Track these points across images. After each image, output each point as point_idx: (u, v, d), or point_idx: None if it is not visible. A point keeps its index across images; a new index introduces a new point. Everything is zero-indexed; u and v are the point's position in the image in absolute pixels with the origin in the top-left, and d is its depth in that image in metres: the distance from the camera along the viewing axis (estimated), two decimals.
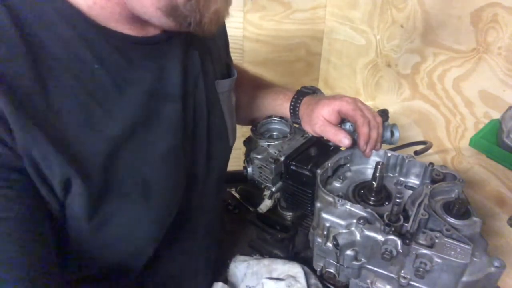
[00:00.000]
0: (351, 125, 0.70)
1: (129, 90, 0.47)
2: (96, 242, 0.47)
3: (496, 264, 0.49)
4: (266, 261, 0.73)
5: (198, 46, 0.57)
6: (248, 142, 0.78)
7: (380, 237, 0.52)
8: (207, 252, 0.71)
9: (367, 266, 0.56)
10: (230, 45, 0.78)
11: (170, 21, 0.44)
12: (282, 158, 0.70)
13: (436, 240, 0.50)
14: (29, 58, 0.39)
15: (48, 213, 0.42)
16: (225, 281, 0.72)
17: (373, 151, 0.68)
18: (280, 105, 0.78)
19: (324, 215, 0.57)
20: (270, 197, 0.77)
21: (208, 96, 0.60)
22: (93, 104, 0.43)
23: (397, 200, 0.53)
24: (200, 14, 0.44)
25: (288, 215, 0.83)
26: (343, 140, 0.66)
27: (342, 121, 0.70)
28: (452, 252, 0.49)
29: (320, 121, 0.69)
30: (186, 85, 0.54)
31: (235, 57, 1.32)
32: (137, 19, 0.46)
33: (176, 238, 0.61)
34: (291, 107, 0.75)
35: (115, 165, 0.45)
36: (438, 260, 0.49)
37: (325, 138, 0.72)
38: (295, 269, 0.70)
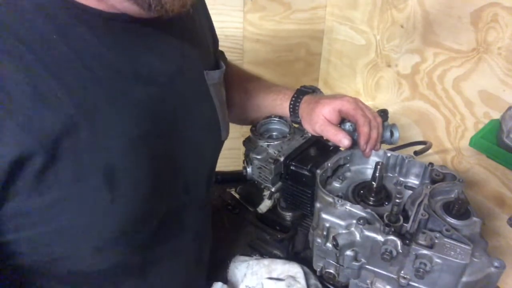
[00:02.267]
0: (351, 125, 0.70)
1: (94, 65, 0.44)
2: (48, 227, 0.44)
3: (496, 264, 0.49)
4: (266, 261, 0.73)
5: (182, 29, 0.56)
6: (247, 142, 0.78)
7: (380, 238, 0.52)
8: (199, 252, 0.69)
9: (366, 266, 0.56)
10: (230, 45, 0.78)
11: (132, 4, 0.43)
12: (281, 158, 0.70)
13: (436, 241, 0.50)
14: None
15: None
16: (225, 281, 0.72)
17: (373, 151, 0.68)
18: (280, 104, 0.78)
19: (324, 216, 0.57)
20: (269, 197, 0.77)
21: (197, 86, 0.58)
22: (49, 77, 0.41)
23: (397, 200, 0.53)
24: None
25: (288, 215, 0.83)
26: (343, 140, 0.66)
27: (342, 120, 0.70)
28: (452, 253, 0.49)
29: (320, 120, 0.69)
30: (164, 69, 0.51)
31: (235, 57, 1.33)
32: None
33: (163, 237, 0.58)
34: (291, 106, 0.75)
35: (71, 143, 0.42)
36: (438, 261, 0.49)
37: (324, 138, 0.73)
38: (295, 269, 0.70)
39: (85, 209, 0.46)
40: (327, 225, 0.57)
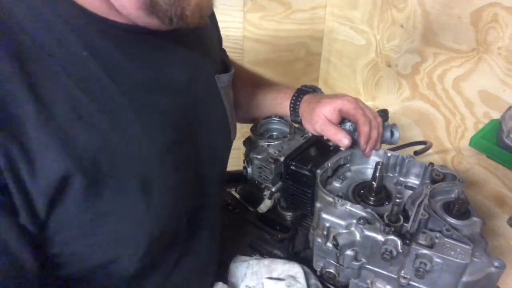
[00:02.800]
0: (351, 125, 0.70)
1: (122, 79, 0.45)
2: (91, 240, 0.46)
3: (496, 264, 0.49)
4: (266, 261, 0.73)
5: (193, 38, 0.57)
6: (248, 142, 0.78)
7: (380, 237, 0.52)
8: (212, 252, 0.70)
9: (367, 266, 0.56)
10: (230, 45, 0.78)
11: (153, 19, 0.43)
12: (282, 158, 0.70)
13: (436, 240, 0.50)
14: (12, 52, 0.38)
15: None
16: (225, 281, 0.72)
17: (373, 151, 0.68)
18: (280, 103, 0.78)
19: (324, 215, 0.57)
20: (270, 197, 0.77)
21: (209, 90, 0.59)
22: (81, 94, 0.41)
23: (397, 200, 0.53)
24: (181, 7, 0.43)
25: (288, 215, 0.83)
26: (343, 140, 0.66)
27: (342, 120, 0.70)
28: (452, 252, 0.49)
29: (321, 119, 0.69)
30: (181, 77, 0.53)
31: (235, 57, 1.33)
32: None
33: (185, 237, 0.60)
34: (291, 105, 0.75)
35: (108, 159, 0.43)
36: (438, 260, 0.49)
37: (325, 138, 0.73)
38: (295, 269, 0.70)
39: (125, 220, 0.47)
40: (327, 225, 0.57)
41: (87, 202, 0.43)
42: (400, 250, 0.51)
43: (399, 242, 0.51)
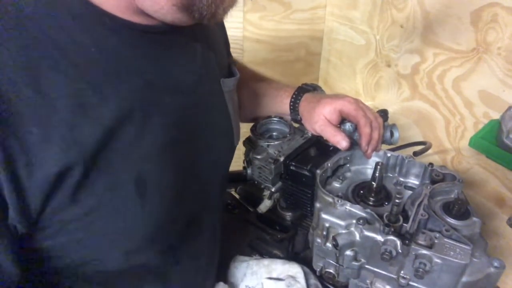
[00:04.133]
0: (351, 125, 0.70)
1: (129, 77, 0.45)
2: (82, 234, 0.46)
3: (495, 264, 0.49)
4: (265, 261, 0.73)
5: (202, 42, 0.57)
6: (247, 142, 0.78)
7: (379, 238, 0.52)
8: (212, 253, 0.71)
9: (366, 266, 0.56)
10: (230, 45, 0.78)
11: (184, 16, 0.44)
12: (281, 159, 0.70)
13: (436, 241, 0.50)
14: (20, 44, 0.38)
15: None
16: (225, 281, 0.72)
17: None
18: (280, 101, 0.77)
19: (324, 216, 0.57)
20: (269, 197, 0.77)
21: (214, 94, 0.59)
22: (87, 89, 0.42)
23: (397, 201, 0.53)
24: (216, 6, 0.44)
25: (288, 215, 0.83)
26: (341, 142, 0.66)
27: (342, 120, 0.70)
28: (452, 253, 0.49)
29: (321, 120, 0.69)
30: (187, 79, 0.53)
31: (235, 57, 1.32)
32: (141, 11, 0.45)
33: (184, 239, 0.60)
34: (291, 103, 0.75)
35: (106, 154, 0.44)
36: (438, 261, 0.49)
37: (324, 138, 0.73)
38: (295, 269, 0.71)
39: (118, 216, 0.47)
40: (327, 225, 0.57)
41: (81, 194, 0.43)
42: (400, 251, 0.51)
43: (398, 242, 0.51)
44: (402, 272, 0.53)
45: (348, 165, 0.70)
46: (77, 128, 0.41)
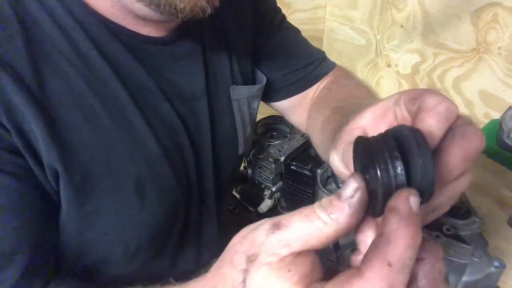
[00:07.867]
0: None
1: (129, 82, 0.46)
2: (83, 237, 0.46)
3: (496, 264, 0.49)
4: None
5: (212, 46, 0.56)
6: None
7: None
8: (213, 260, 0.70)
9: None
10: None
11: (151, 9, 0.42)
12: (282, 158, 0.70)
13: (436, 240, 0.50)
14: (23, 38, 0.39)
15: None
16: None
17: None
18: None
19: None
20: (270, 197, 0.77)
21: (220, 102, 0.59)
22: (87, 91, 0.43)
23: None
24: None
25: None
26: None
27: None
28: (452, 252, 0.49)
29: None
30: (189, 88, 0.53)
31: None
32: (142, 18, 0.45)
33: (183, 243, 0.60)
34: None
35: (106, 156, 0.44)
36: None
37: None
38: None
39: (118, 218, 0.48)
40: None
41: (82, 197, 0.43)
42: None
43: None
44: None
45: None
46: (76, 130, 0.42)
